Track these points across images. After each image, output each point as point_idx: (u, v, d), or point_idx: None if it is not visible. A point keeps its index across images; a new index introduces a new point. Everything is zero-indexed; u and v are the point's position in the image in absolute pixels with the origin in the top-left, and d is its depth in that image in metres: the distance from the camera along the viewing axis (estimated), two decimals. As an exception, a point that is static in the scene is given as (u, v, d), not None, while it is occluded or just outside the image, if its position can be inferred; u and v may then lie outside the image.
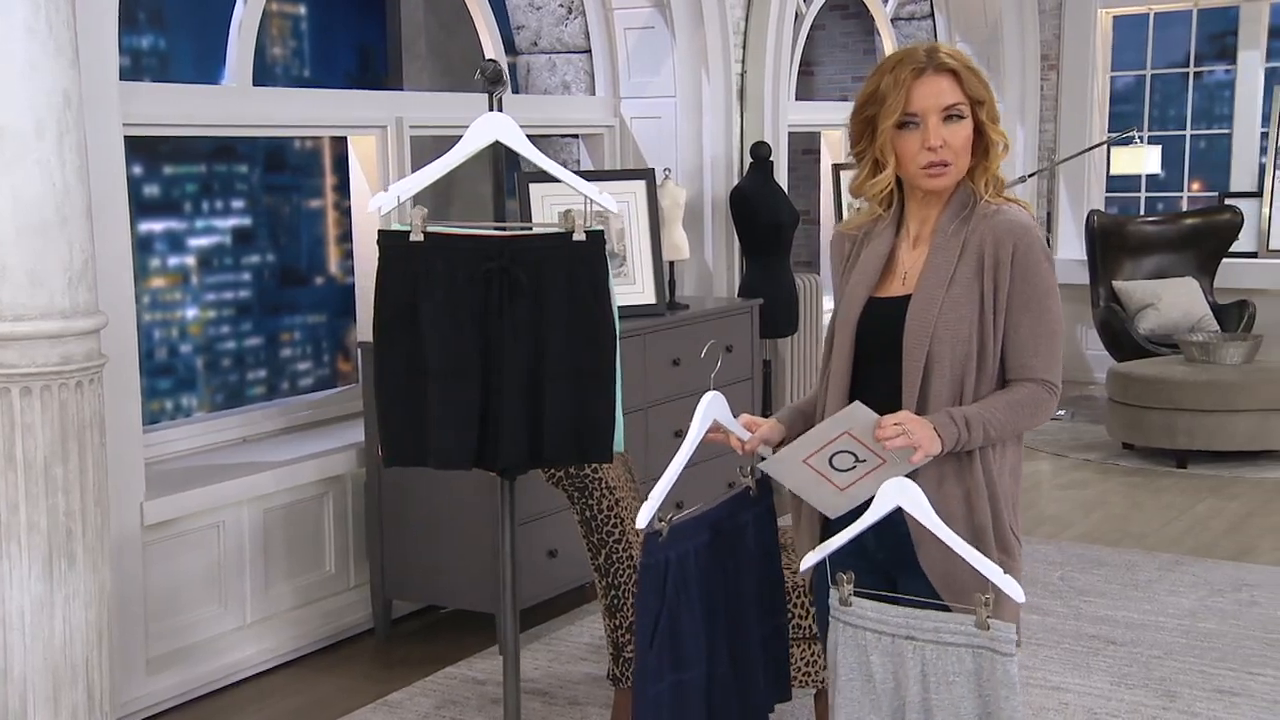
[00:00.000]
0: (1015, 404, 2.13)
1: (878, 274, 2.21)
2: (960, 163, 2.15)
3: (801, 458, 2.13)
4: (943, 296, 2.11)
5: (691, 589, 2.31)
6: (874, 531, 2.16)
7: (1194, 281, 7.37)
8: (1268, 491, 5.72)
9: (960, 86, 2.14)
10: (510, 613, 2.82)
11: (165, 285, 8.07)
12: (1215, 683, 3.70)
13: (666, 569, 2.30)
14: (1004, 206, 2.17)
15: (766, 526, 2.46)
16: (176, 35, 7.57)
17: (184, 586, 3.81)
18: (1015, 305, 2.12)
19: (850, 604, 2.08)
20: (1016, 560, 2.16)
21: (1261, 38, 7.89)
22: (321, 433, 4.40)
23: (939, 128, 2.12)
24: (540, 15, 5.68)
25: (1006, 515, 2.15)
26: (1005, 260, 2.11)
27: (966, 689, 1.98)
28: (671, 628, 2.28)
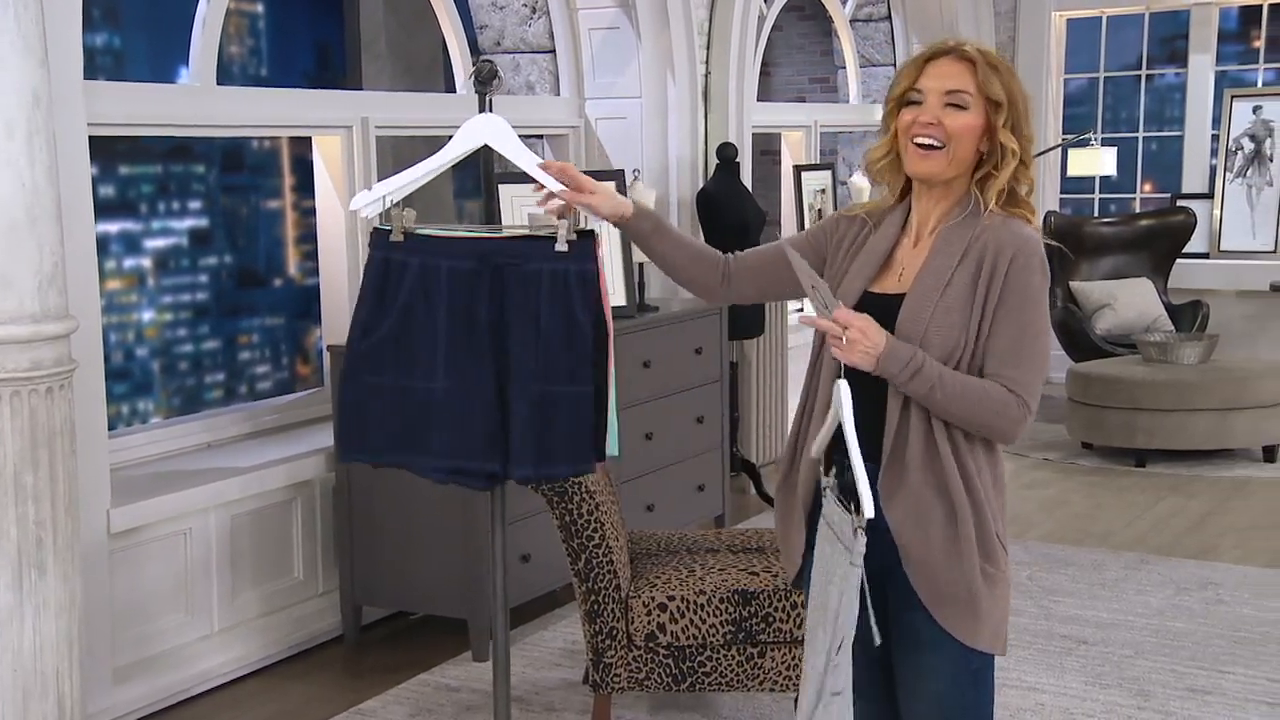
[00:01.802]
0: (979, 390, 2.08)
1: (876, 268, 2.19)
2: (955, 151, 2.11)
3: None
4: (937, 299, 2.10)
5: (435, 303, 2.36)
6: (870, 547, 2.13)
7: (1149, 282, 7.46)
8: (1225, 490, 5.80)
9: (973, 78, 2.10)
10: (501, 619, 2.78)
11: (121, 287, 7.93)
12: (1187, 682, 3.74)
13: (403, 270, 2.36)
14: (1012, 218, 2.14)
15: (572, 289, 2.43)
16: (132, 33, 7.44)
17: (150, 595, 3.74)
18: (1000, 313, 2.10)
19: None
20: (1002, 568, 2.14)
21: (1211, 41, 8.01)
22: (288, 437, 4.33)
23: (937, 107, 2.11)
24: (504, 15, 5.63)
25: (992, 524, 2.13)
26: (1002, 269, 2.09)
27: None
28: (400, 331, 2.36)
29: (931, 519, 2.10)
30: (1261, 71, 8.20)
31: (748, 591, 3.28)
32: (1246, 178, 7.86)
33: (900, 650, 2.18)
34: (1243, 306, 7.69)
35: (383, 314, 2.47)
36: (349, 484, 4.11)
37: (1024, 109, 2.13)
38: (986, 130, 2.12)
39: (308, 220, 6.81)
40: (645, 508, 4.61)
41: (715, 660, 3.29)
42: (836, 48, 7.97)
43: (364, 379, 2.50)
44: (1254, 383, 6.14)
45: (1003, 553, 2.15)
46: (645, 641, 3.27)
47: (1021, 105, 2.13)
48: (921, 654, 2.15)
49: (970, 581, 2.10)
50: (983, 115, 2.11)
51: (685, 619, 3.27)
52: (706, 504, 5.00)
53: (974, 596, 2.11)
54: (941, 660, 2.14)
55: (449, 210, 7.34)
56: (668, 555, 3.49)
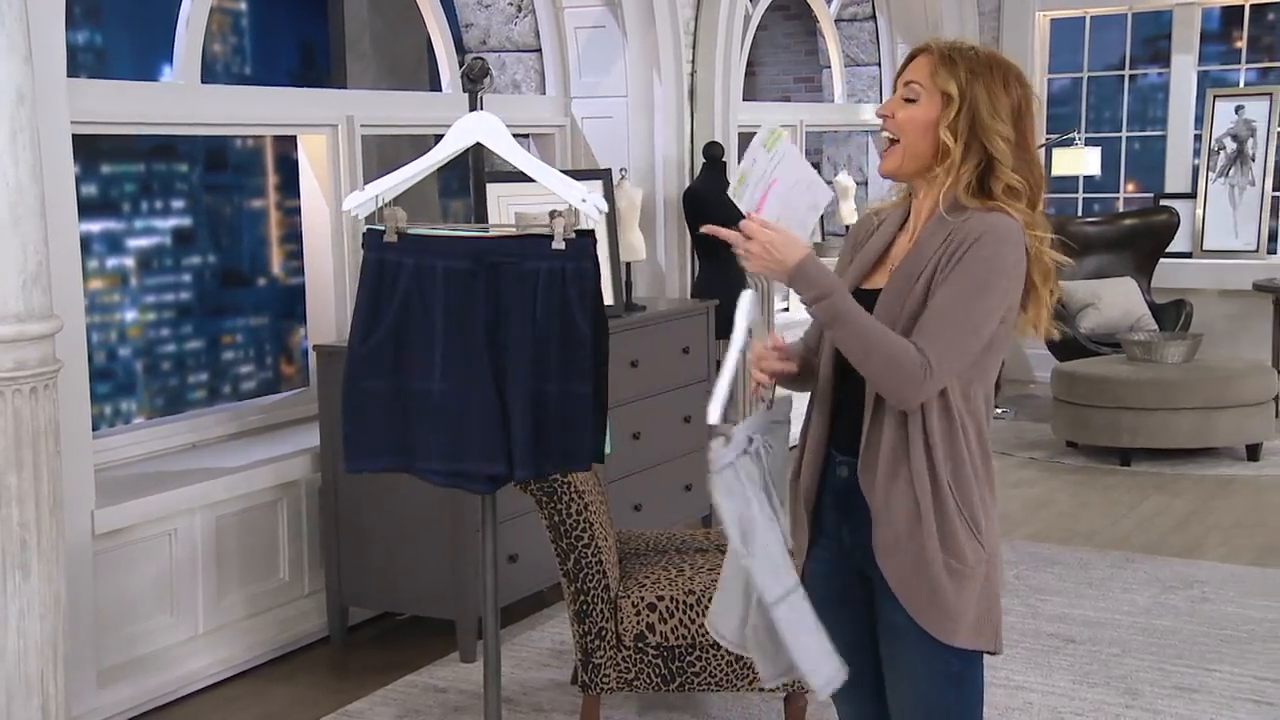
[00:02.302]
0: (883, 335, 2.03)
1: (870, 265, 2.20)
2: (908, 143, 2.09)
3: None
4: (909, 290, 2.08)
5: (431, 303, 2.34)
6: (850, 530, 2.18)
7: (1132, 281, 7.49)
8: (1209, 489, 5.82)
9: (927, 69, 2.09)
10: (492, 621, 2.77)
11: (104, 287, 7.87)
12: (1175, 680, 3.75)
13: (398, 271, 2.34)
14: (994, 212, 2.07)
15: (569, 288, 2.42)
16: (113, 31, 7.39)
17: (135, 596, 3.71)
18: (940, 281, 2.05)
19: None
20: (971, 565, 2.09)
21: (1194, 41, 8.04)
22: (274, 437, 4.31)
23: (894, 101, 2.12)
24: (489, 13, 5.62)
25: (959, 520, 2.08)
26: (964, 248, 2.04)
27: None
28: (397, 333, 2.32)
29: (899, 515, 2.09)
30: (1243, 71, 8.24)
31: (737, 591, 3.27)
32: (1229, 177, 7.89)
33: (884, 646, 2.19)
34: (1225, 306, 7.73)
35: (379, 316, 2.45)
36: (335, 484, 4.09)
37: (992, 104, 2.06)
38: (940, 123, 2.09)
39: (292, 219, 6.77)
40: (633, 507, 4.60)
41: (705, 660, 3.28)
42: (821, 47, 7.97)
43: (364, 384, 2.48)
44: (1237, 382, 6.16)
45: (975, 550, 2.09)
46: (634, 642, 3.26)
47: (987, 100, 2.06)
48: (903, 650, 2.15)
49: (932, 575, 2.08)
50: (935, 107, 2.08)
51: (675, 619, 3.26)
52: (694, 503, 5.00)
53: (936, 591, 2.08)
54: (919, 655, 2.13)
55: (434, 210, 7.32)
56: (657, 555, 3.48)
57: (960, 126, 2.06)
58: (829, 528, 2.21)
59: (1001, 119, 2.07)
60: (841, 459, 2.16)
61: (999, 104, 2.07)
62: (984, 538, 2.13)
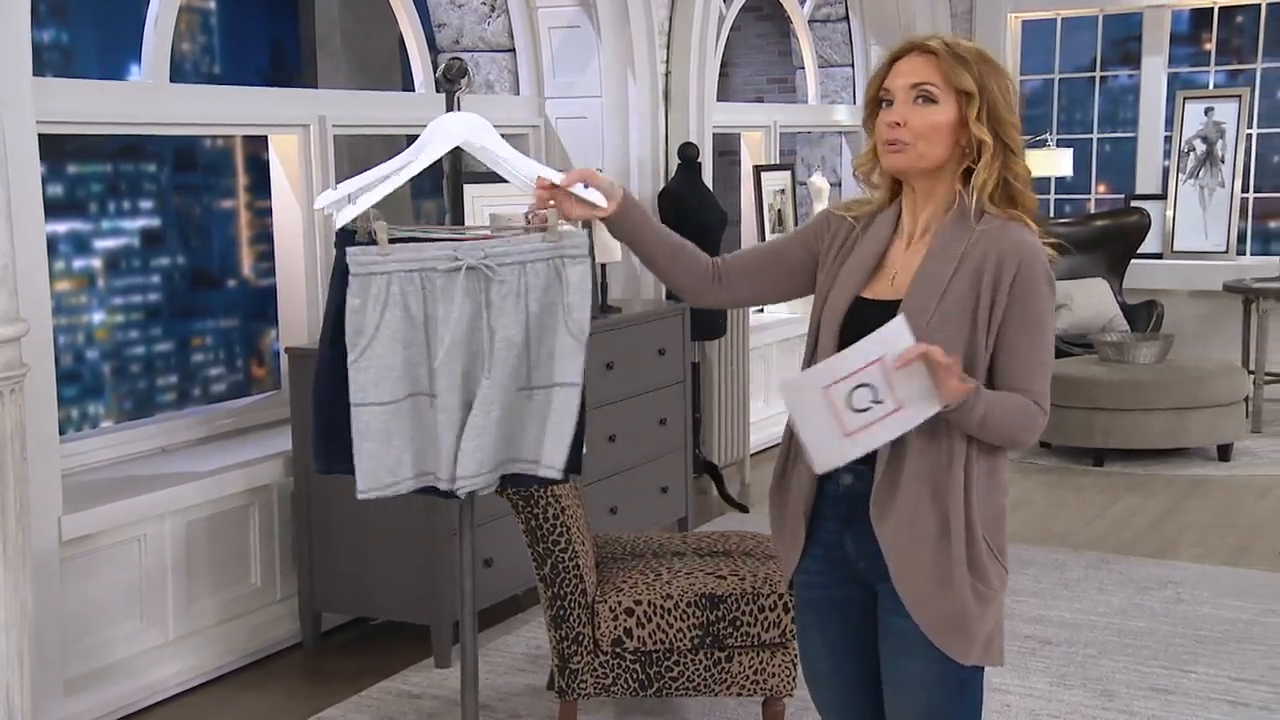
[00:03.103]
0: (1017, 405, 2.02)
1: (868, 272, 2.12)
2: (922, 147, 2.04)
3: (825, 383, 1.94)
4: (934, 306, 2.03)
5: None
6: (855, 540, 2.12)
7: (1104, 282, 7.51)
8: (1182, 489, 5.84)
9: (939, 70, 2.03)
10: (469, 626, 2.74)
11: (70, 289, 7.76)
12: (1150, 681, 3.75)
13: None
14: (1012, 222, 2.05)
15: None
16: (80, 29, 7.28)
17: (103, 603, 3.65)
18: (1012, 327, 2.02)
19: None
20: (996, 586, 2.08)
21: (1164, 43, 8.08)
22: (245, 441, 4.25)
23: (904, 106, 2.05)
24: (462, 13, 5.57)
25: (985, 541, 2.06)
26: (1006, 280, 2.02)
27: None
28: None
29: (922, 537, 2.04)
30: (1213, 73, 8.28)
31: (715, 595, 3.25)
32: (1199, 179, 7.94)
33: (887, 654, 2.14)
34: (1196, 306, 7.77)
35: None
36: (307, 488, 4.04)
37: (1002, 96, 2.04)
38: (961, 122, 2.05)
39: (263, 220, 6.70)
40: (609, 510, 4.57)
41: (682, 665, 3.26)
42: (795, 48, 7.97)
43: (339, 393, 2.42)
44: (1209, 382, 6.19)
45: (998, 569, 2.09)
46: (612, 646, 3.24)
47: (998, 92, 2.04)
48: (910, 659, 2.11)
49: (962, 604, 2.06)
50: (955, 108, 2.04)
51: (652, 623, 3.23)
52: (670, 506, 4.97)
53: (965, 618, 2.06)
54: (929, 668, 2.10)
55: (406, 210, 7.27)
56: (634, 559, 3.46)
57: (986, 122, 2.04)
58: (825, 537, 2.16)
59: (1011, 109, 2.06)
60: (846, 467, 2.06)
61: (1008, 96, 2.06)
62: (1005, 559, 2.11)
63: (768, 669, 3.28)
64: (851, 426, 1.96)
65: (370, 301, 2.32)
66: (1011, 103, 2.07)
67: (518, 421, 2.45)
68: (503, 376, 2.39)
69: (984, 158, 2.05)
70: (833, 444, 1.98)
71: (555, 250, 2.34)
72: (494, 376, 2.38)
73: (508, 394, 2.42)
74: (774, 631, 3.25)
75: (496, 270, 2.32)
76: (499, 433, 2.44)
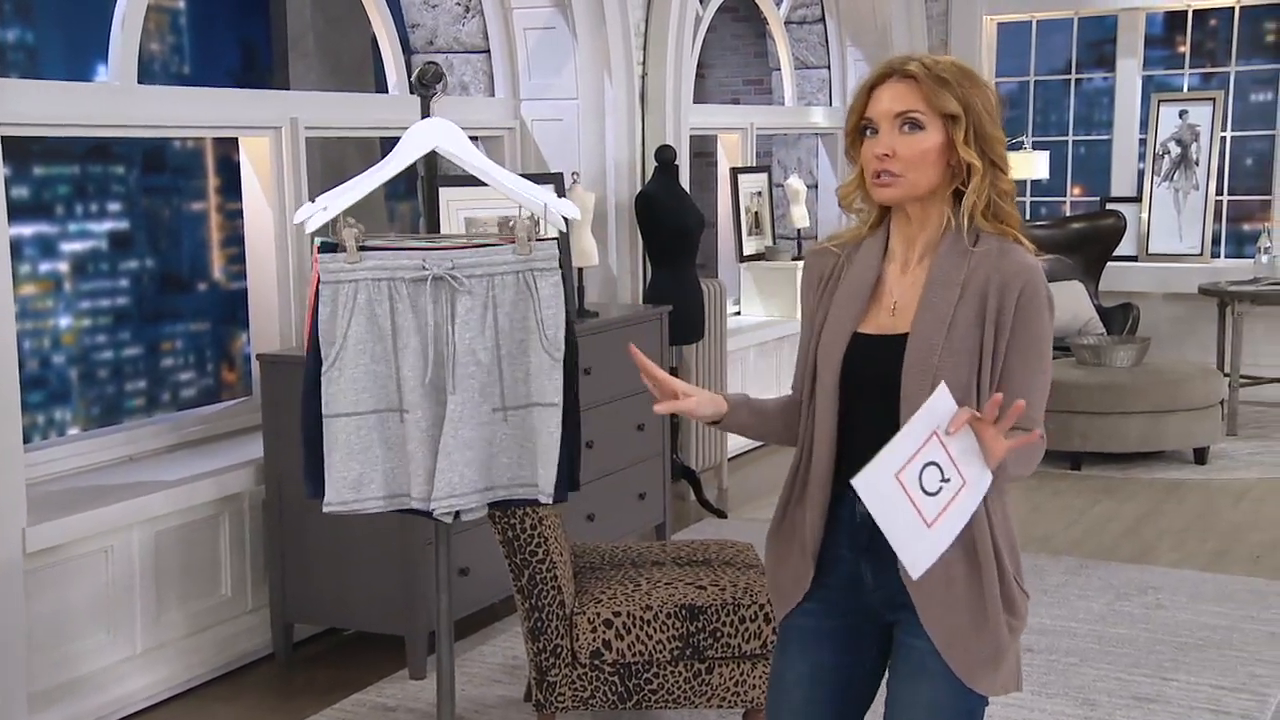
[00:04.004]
0: (1027, 444, 1.96)
1: (863, 305, 2.04)
2: (913, 176, 1.98)
3: (896, 469, 1.84)
4: (942, 341, 1.97)
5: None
6: (872, 570, 2.05)
7: (1080, 285, 7.51)
8: (1159, 492, 5.84)
9: (922, 95, 1.97)
10: (446, 638, 2.68)
11: (36, 293, 7.63)
12: (1132, 689, 3.73)
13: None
14: (1010, 245, 2.00)
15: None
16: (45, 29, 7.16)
17: (69, 616, 3.57)
18: (1014, 350, 1.98)
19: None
20: (1022, 618, 2.04)
21: (1138, 46, 8.09)
22: (215, 449, 4.18)
23: (890, 135, 1.98)
24: (436, 14, 5.51)
25: (1012, 570, 2.03)
26: (1010, 305, 1.96)
27: None
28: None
29: (954, 577, 1.98)
30: (1187, 76, 8.30)
31: (695, 606, 3.21)
32: (1173, 181, 7.95)
33: (901, 674, 2.08)
34: (1171, 309, 7.78)
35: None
36: (279, 497, 3.97)
37: (986, 111, 1.99)
38: (950, 145, 1.98)
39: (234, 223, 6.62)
40: (586, 517, 4.52)
41: (662, 677, 3.21)
42: (771, 49, 7.93)
43: (320, 409, 2.36)
44: (1186, 386, 6.19)
45: (1023, 597, 2.06)
46: (590, 659, 3.18)
47: (982, 108, 1.98)
48: (923, 684, 2.04)
49: (998, 642, 2.01)
50: (942, 131, 1.98)
51: (631, 635, 3.18)
52: (648, 512, 4.92)
53: (1000, 651, 2.02)
54: (944, 696, 2.04)
55: (380, 214, 7.19)
56: (612, 569, 3.41)
57: (974, 142, 1.98)
58: (839, 567, 2.08)
59: (996, 123, 2.01)
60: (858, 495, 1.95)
61: (992, 111, 2.00)
62: (1024, 581, 2.07)
63: (749, 680, 3.23)
64: (931, 514, 1.88)
65: (339, 310, 2.26)
66: (996, 117, 2.01)
67: (497, 444, 2.40)
68: (471, 394, 2.34)
69: (974, 180, 1.99)
70: (922, 539, 1.89)
71: (525, 263, 2.29)
72: (460, 394, 2.32)
73: (479, 413, 2.36)
74: (755, 643, 3.21)
75: (463, 281, 2.26)
76: (473, 454, 2.39)
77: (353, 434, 2.31)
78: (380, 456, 2.35)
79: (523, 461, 2.41)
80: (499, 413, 2.36)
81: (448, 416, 2.34)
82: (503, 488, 2.44)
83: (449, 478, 2.36)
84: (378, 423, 2.34)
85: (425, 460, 2.36)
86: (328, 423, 2.30)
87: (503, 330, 2.31)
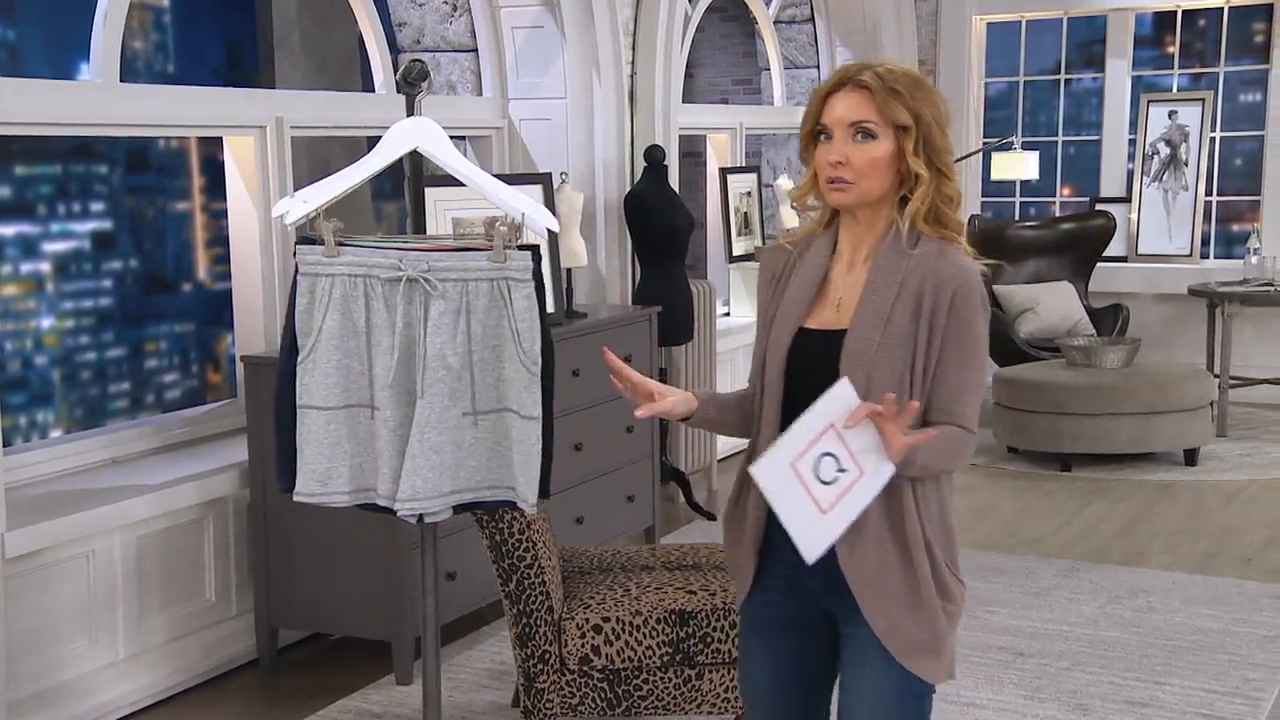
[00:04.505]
0: (946, 440, 2.04)
1: (809, 301, 2.13)
2: (865, 184, 2.06)
3: (792, 459, 1.94)
4: (879, 338, 2.05)
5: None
6: (820, 575, 2.10)
7: (1070, 286, 7.50)
8: (1150, 494, 5.82)
9: (874, 105, 2.05)
10: (433, 648, 2.64)
11: (18, 293, 7.54)
12: (1125, 694, 3.70)
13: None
14: (949, 248, 2.08)
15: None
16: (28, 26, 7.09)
17: (50, 621, 3.52)
18: (947, 354, 2.05)
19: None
20: (958, 604, 2.13)
21: (1128, 46, 8.08)
22: (199, 452, 4.13)
23: (844, 143, 2.06)
24: (424, 12, 5.46)
25: (944, 559, 2.11)
26: (944, 306, 2.04)
27: None
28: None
29: (888, 565, 2.07)
30: (1176, 77, 8.29)
31: (685, 611, 3.17)
32: (1163, 182, 7.94)
33: (848, 662, 2.16)
34: (1160, 310, 7.77)
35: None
36: (264, 500, 3.92)
37: (936, 121, 2.07)
38: (900, 154, 2.07)
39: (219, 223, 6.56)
40: (575, 520, 4.48)
41: (652, 683, 3.17)
42: (759, 49, 7.90)
43: (295, 404, 2.32)
44: (1175, 386, 6.17)
45: (958, 585, 2.13)
46: (579, 665, 3.14)
47: (932, 119, 2.07)
48: (869, 667, 2.12)
49: (934, 623, 2.09)
50: (893, 140, 2.06)
51: (621, 641, 3.14)
52: (637, 515, 4.88)
53: (938, 636, 2.10)
54: (889, 680, 2.12)
55: (368, 214, 7.14)
56: (602, 574, 3.37)
57: (921, 153, 2.06)
58: (784, 557, 2.13)
59: (944, 133, 2.09)
60: None
61: (941, 121, 2.08)
62: (957, 569, 2.14)
63: (736, 688, 3.19)
64: (826, 503, 1.97)
65: (316, 302, 2.24)
66: (945, 127, 2.09)
67: (465, 448, 2.36)
68: (440, 398, 2.30)
69: (920, 188, 2.06)
70: (816, 526, 1.98)
71: (499, 271, 2.26)
72: (429, 397, 2.29)
73: (447, 417, 2.32)
74: (745, 648, 3.17)
75: (437, 285, 2.23)
76: (439, 459, 2.35)
77: (323, 427, 2.29)
78: (348, 451, 2.32)
79: (492, 464, 2.38)
80: (469, 416, 2.33)
81: (415, 420, 2.30)
82: (469, 490, 2.41)
83: (413, 480, 2.34)
84: (348, 417, 2.31)
85: (392, 459, 2.33)
86: (301, 414, 2.27)
87: (475, 336, 2.28)
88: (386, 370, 2.30)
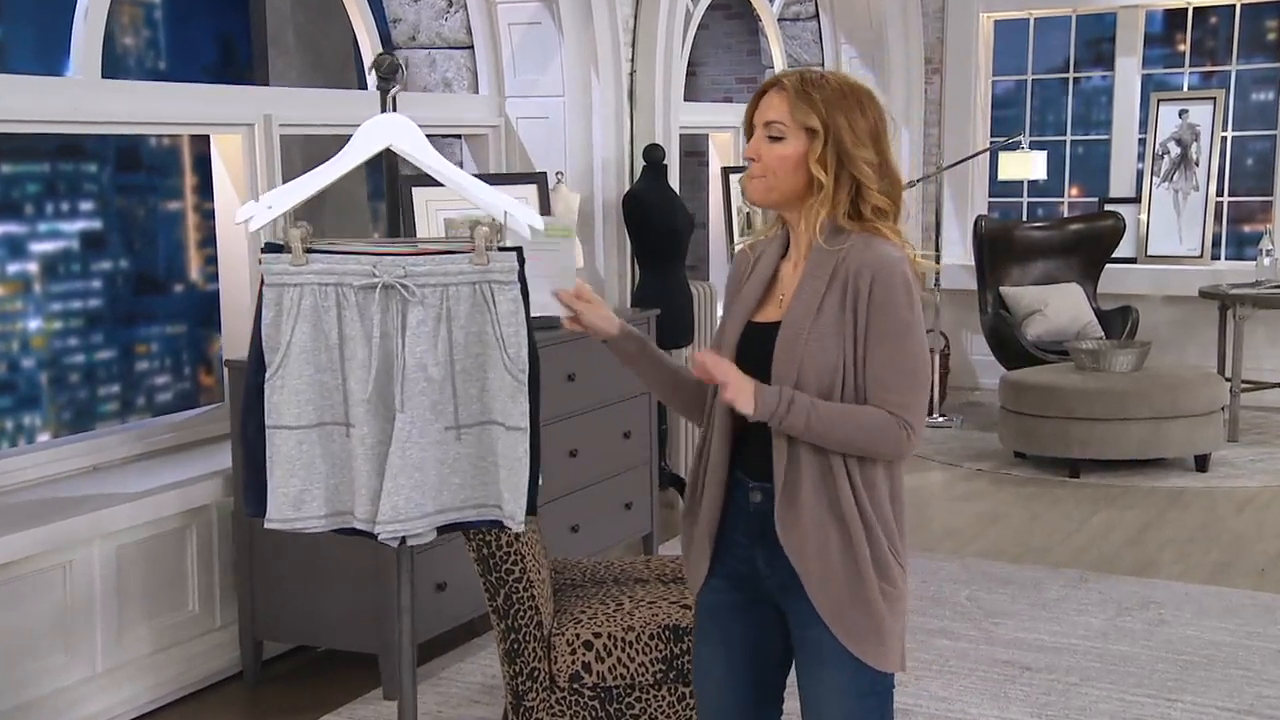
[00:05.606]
0: (855, 416, 2.09)
1: (758, 298, 2.22)
2: (773, 181, 2.14)
3: None
4: (809, 326, 2.13)
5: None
6: (765, 557, 2.18)
7: (1079, 287, 7.37)
8: (1161, 501, 5.70)
9: (786, 107, 2.12)
10: (409, 672, 2.53)
11: (5, 294, 7.43)
12: (1135, 711, 3.58)
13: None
14: (874, 239, 2.13)
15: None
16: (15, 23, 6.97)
17: (25, 635, 3.41)
18: (871, 338, 2.11)
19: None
20: (899, 586, 2.17)
21: (1137, 44, 7.94)
22: (184, 458, 4.02)
23: (759, 140, 2.16)
24: (419, 8, 5.36)
25: (886, 543, 2.15)
26: (864, 293, 2.11)
27: None
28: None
29: (829, 546, 2.12)
30: (1187, 75, 8.15)
31: (680, 627, 3.05)
32: (1173, 182, 7.81)
33: (803, 667, 2.21)
34: (1170, 312, 7.64)
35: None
36: (249, 509, 3.81)
37: (853, 129, 2.11)
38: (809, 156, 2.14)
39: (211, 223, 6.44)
40: (570, 528, 4.37)
41: (645, 701, 3.06)
42: (764, 47, 7.79)
43: (263, 421, 2.21)
44: (1187, 391, 6.05)
45: (899, 570, 2.17)
46: (569, 682, 3.03)
47: (848, 128, 2.11)
48: (824, 670, 2.17)
49: (873, 604, 2.13)
50: (804, 143, 2.12)
51: (613, 657, 3.03)
52: (634, 522, 4.77)
53: (878, 618, 2.14)
54: (846, 678, 2.17)
55: (364, 213, 7.03)
56: (594, 587, 3.25)
57: (829, 158, 2.12)
58: (737, 551, 2.22)
59: (864, 144, 2.12)
60: (755, 485, 2.18)
61: (859, 130, 2.11)
62: (901, 556, 2.17)
63: (735, 705, 3.08)
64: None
65: (284, 315, 2.12)
66: (873, 138, 2.13)
67: (449, 464, 2.25)
68: (421, 411, 2.19)
69: (821, 193, 2.12)
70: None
71: (481, 274, 2.15)
72: (409, 411, 2.17)
73: (429, 432, 2.21)
74: (742, 666, 3.05)
75: (415, 291, 2.12)
76: (421, 476, 2.24)
77: (294, 448, 2.17)
78: (323, 472, 2.21)
79: (476, 482, 2.27)
80: (451, 431, 2.21)
81: (395, 435, 2.19)
82: (454, 510, 2.30)
83: (394, 500, 2.22)
84: (321, 436, 2.19)
85: (370, 479, 2.21)
86: (270, 434, 2.16)
87: (457, 344, 2.17)
88: (362, 384, 2.19)
